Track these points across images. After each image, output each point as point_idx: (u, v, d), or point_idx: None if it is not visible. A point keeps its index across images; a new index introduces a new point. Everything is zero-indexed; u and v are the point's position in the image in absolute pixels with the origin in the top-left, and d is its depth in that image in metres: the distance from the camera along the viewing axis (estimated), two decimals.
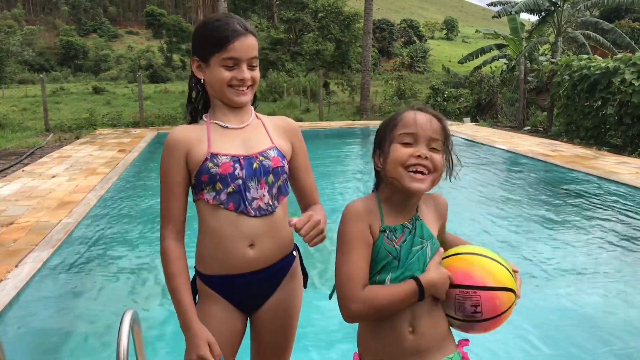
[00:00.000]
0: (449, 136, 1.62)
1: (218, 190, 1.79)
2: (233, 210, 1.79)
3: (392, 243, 1.56)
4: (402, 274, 1.55)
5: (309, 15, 31.33)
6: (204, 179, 1.79)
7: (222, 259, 1.83)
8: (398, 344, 1.56)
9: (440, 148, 1.57)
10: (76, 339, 3.69)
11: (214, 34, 1.79)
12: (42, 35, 63.62)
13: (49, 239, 5.44)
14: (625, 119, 11.53)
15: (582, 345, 3.54)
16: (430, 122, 1.56)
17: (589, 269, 4.93)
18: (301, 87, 27.09)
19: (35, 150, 12.09)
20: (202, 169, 1.79)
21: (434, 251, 1.59)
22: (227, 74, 1.80)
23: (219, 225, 1.80)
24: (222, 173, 1.78)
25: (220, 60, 1.79)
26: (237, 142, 1.85)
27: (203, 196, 1.81)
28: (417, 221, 1.60)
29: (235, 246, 1.81)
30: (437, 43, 73.41)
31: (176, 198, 1.82)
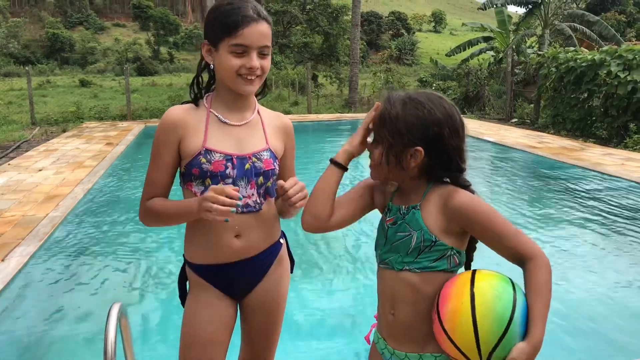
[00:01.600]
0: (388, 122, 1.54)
1: (207, 185, 1.78)
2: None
3: (385, 221, 1.66)
4: (387, 252, 1.62)
5: (297, 8, 31.20)
6: (194, 172, 1.78)
7: (209, 249, 1.85)
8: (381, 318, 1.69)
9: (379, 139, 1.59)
10: (64, 332, 3.69)
11: (224, 19, 1.73)
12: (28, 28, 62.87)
13: (35, 232, 5.41)
14: (611, 111, 11.63)
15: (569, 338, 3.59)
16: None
17: (576, 259, 4.98)
18: (289, 79, 27.00)
19: (21, 144, 11.98)
20: (194, 162, 1.78)
21: (422, 243, 1.53)
22: (235, 61, 1.74)
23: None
24: (213, 170, 1.77)
25: (229, 47, 1.74)
26: (233, 140, 1.84)
27: (191, 188, 1.81)
28: (413, 210, 1.58)
29: (221, 237, 1.83)
30: (425, 35, 73.41)
31: (161, 172, 1.83)
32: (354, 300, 4.16)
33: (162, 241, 5.51)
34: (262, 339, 2.05)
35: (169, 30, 58.03)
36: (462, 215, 1.51)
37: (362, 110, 20.65)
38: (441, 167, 1.56)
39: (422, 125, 1.51)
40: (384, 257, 1.63)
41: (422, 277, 1.55)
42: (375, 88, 23.89)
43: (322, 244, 5.40)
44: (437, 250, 1.53)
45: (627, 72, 11.26)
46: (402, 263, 1.57)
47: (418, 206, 1.57)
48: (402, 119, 1.52)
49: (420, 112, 1.52)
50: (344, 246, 5.39)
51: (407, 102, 1.54)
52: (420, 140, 1.51)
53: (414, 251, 1.55)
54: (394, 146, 1.54)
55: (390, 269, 1.60)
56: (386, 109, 1.55)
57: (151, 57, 55.03)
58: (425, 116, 1.52)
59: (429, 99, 1.55)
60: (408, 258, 1.56)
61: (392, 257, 1.60)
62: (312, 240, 5.46)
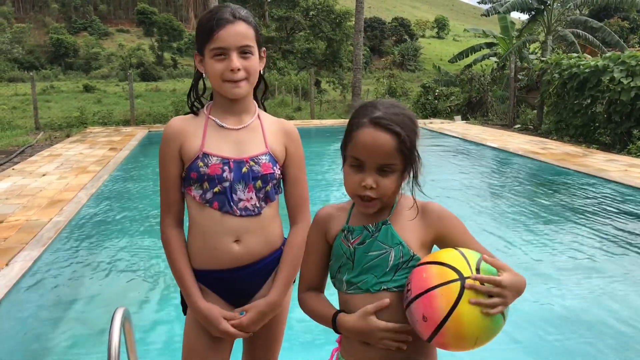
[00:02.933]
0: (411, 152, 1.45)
1: (205, 189, 1.80)
2: (217, 209, 1.80)
3: (347, 243, 1.53)
4: (358, 275, 1.50)
5: (300, 14, 31.28)
6: (192, 176, 1.80)
7: (208, 255, 1.84)
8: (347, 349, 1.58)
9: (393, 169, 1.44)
10: (67, 337, 3.69)
11: (203, 25, 1.78)
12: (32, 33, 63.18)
13: (39, 237, 5.42)
14: (614, 117, 11.61)
15: (572, 343, 3.59)
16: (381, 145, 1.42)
17: (579, 265, 4.97)
18: (293, 85, 27.06)
19: (25, 149, 12.02)
20: (192, 166, 1.80)
21: (402, 258, 1.47)
22: (218, 65, 1.76)
23: (204, 221, 1.82)
24: (210, 174, 1.79)
25: (209, 52, 1.77)
26: (231, 144, 1.84)
27: (190, 191, 1.83)
28: (384, 225, 1.50)
29: (220, 241, 1.82)
30: (428, 41, 73.52)
31: (173, 188, 1.86)
32: None
33: None
34: (263, 350, 2.02)
35: (172, 36, 58.25)
36: (442, 223, 1.51)
37: None
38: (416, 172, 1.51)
39: (415, 133, 1.48)
40: (355, 280, 1.51)
41: (399, 297, 1.46)
42: (378, 94, 23.90)
43: None
44: (412, 266, 1.45)
45: (630, 78, 11.25)
46: (379, 284, 1.48)
47: (388, 221, 1.51)
48: (408, 134, 1.44)
49: (414, 125, 1.48)
50: None
51: (402, 119, 1.45)
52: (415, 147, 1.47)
53: (392, 269, 1.47)
54: (408, 165, 1.47)
55: (364, 293, 1.50)
56: (402, 138, 1.42)
57: (155, 62, 55.24)
58: (416, 127, 1.49)
59: (402, 107, 1.50)
60: (385, 277, 1.48)
61: (366, 279, 1.50)
62: None
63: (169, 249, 1.86)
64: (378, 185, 1.43)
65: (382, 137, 1.41)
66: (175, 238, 1.86)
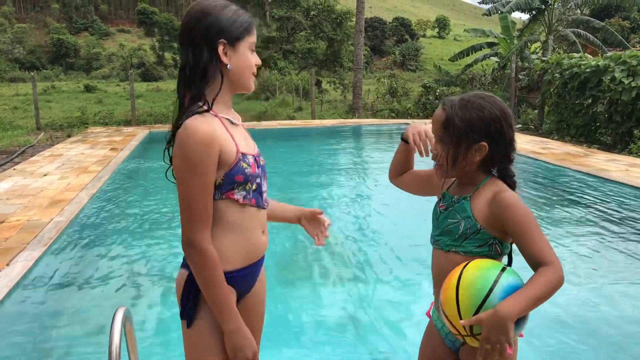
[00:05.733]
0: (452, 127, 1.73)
1: (248, 189, 1.78)
2: (254, 206, 1.82)
3: (438, 205, 1.89)
4: (439, 235, 1.84)
5: (301, 14, 31.30)
6: (237, 179, 1.74)
7: (246, 251, 1.83)
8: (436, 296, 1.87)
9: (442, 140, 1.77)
10: (68, 337, 3.70)
11: (241, 17, 1.77)
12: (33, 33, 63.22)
13: (40, 237, 5.43)
14: (615, 117, 11.61)
15: (572, 344, 3.59)
16: (434, 117, 1.80)
17: (580, 266, 4.97)
18: (293, 85, 27.04)
19: (26, 149, 12.04)
20: (237, 169, 1.74)
21: (469, 229, 1.74)
22: (252, 58, 1.81)
23: (243, 220, 1.80)
24: (252, 173, 1.79)
25: (249, 44, 1.79)
26: (245, 140, 1.85)
27: (233, 195, 1.75)
28: (464, 200, 1.79)
29: (255, 235, 1.85)
30: (429, 41, 73.50)
31: (210, 196, 1.71)
32: (351, 307, 4.16)
33: (166, 245, 5.53)
34: (257, 336, 2.03)
35: (173, 36, 58.19)
36: (502, 213, 1.69)
37: (365, 115, 20.67)
38: (499, 158, 1.77)
39: (484, 123, 1.72)
40: (436, 238, 1.85)
41: (466, 259, 1.72)
42: (379, 94, 23.89)
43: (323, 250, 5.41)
44: (481, 239, 1.73)
45: (632, 78, 11.24)
46: (449, 245, 1.79)
47: (469, 197, 1.78)
48: (466, 121, 1.71)
49: (480, 113, 1.72)
50: (343, 253, 5.39)
51: (466, 105, 1.73)
52: (485, 136, 1.71)
53: (461, 237, 1.76)
54: (459, 146, 1.73)
55: (440, 249, 1.83)
56: (449, 114, 1.73)
57: (156, 62, 55.30)
58: (485, 116, 1.72)
59: (484, 99, 1.75)
60: (456, 242, 1.77)
61: (442, 240, 1.82)
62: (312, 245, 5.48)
63: (215, 268, 1.69)
64: (437, 152, 1.79)
65: (438, 111, 1.79)
66: (217, 257, 1.70)
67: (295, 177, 9.18)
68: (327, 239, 2.12)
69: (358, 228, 6.22)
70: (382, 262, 5.02)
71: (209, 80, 1.74)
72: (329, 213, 6.80)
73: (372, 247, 5.50)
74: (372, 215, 6.76)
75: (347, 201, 7.45)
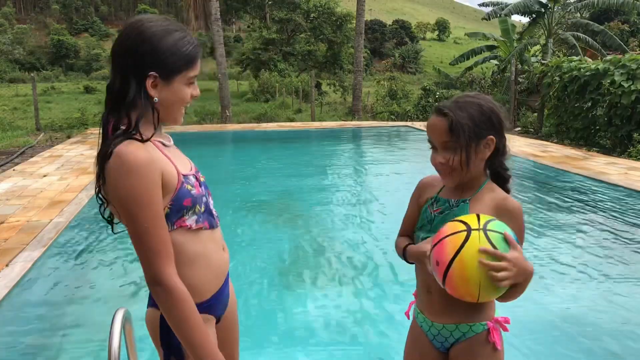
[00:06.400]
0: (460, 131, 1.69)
1: (197, 212, 1.66)
2: (208, 228, 1.71)
3: (431, 210, 1.85)
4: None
5: (301, 16, 31.34)
6: (186, 204, 1.62)
7: (214, 276, 1.75)
8: (420, 295, 1.93)
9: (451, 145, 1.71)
10: (67, 338, 3.69)
11: (183, 49, 1.60)
12: (33, 34, 63.19)
13: (40, 238, 5.43)
14: (615, 120, 11.62)
15: (571, 348, 3.59)
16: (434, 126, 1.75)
17: (579, 268, 4.97)
18: (293, 87, 27.08)
19: (26, 150, 12.04)
20: (183, 192, 1.61)
21: None
22: (187, 91, 1.65)
23: (203, 246, 1.70)
24: (198, 194, 1.67)
25: (186, 79, 1.62)
26: (181, 160, 1.72)
27: (184, 223, 1.63)
28: (463, 203, 1.78)
29: (218, 257, 1.76)
30: (429, 44, 73.55)
31: (165, 226, 1.56)
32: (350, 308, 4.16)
33: None
34: (236, 350, 2.02)
35: None
36: (511, 216, 1.73)
37: (365, 118, 20.69)
38: (502, 150, 1.78)
39: (486, 117, 1.73)
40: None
41: None
42: (378, 96, 23.92)
43: (324, 251, 5.41)
44: None
45: (631, 81, 11.26)
46: None
47: (468, 200, 1.78)
48: (471, 119, 1.70)
49: (479, 108, 1.73)
50: (342, 254, 5.39)
51: (463, 105, 1.72)
52: (489, 129, 1.73)
53: None
54: (471, 146, 1.71)
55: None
56: (453, 118, 1.69)
57: None
58: (484, 109, 1.73)
59: (474, 97, 1.77)
60: None
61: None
62: (313, 248, 5.48)
63: (185, 305, 1.53)
64: (447, 161, 1.72)
65: (437, 119, 1.73)
66: (183, 289, 1.55)
67: (295, 179, 9.18)
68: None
69: (358, 229, 6.22)
70: (382, 263, 5.02)
71: (135, 108, 1.58)
72: (328, 214, 6.80)
73: (371, 249, 5.50)
74: (371, 217, 6.76)
75: (347, 203, 7.45)
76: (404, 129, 16.79)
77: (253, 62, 32.16)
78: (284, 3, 32.09)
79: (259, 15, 37.98)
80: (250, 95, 29.57)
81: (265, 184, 8.71)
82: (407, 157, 11.89)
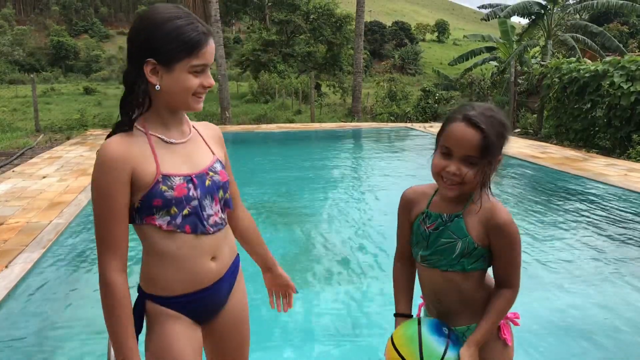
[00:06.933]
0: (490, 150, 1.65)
1: (173, 214, 1.64)
2: (190, 233, 1.68)
3: (425, 226, 1.81)
4: (431, 255, 1.79)
5: (301, 17, 31.37)
6: (156, 204, 1.62)
7: (185, 280, 1.72)
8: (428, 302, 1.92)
9: (475, 162, 1.66)
10: (67, 340, 3.69)
11: (183, 36, 1.59)
12: (33, 36, 63.27)
13: (39, 239, 5.42)
14: (614, 121, 11.63)
15: (568, 350, 3.59)
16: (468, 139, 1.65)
17: (578, 270, 4.98)
18: (293, 88, 27.09)
19: (25, 151, 12.03)
20: (154, 192, 1.61)
21: (467, 249, 1.73)
22: (195, 81, 1.63)
23: (176, 248, 1.68)
24: (177, 196, 1.63)
25: (190, 67, 1.61)
26: (183, 159, 1.70)
27: (154, 221, 1.64)
28: (457, 218, 1.75)
29: (198, 264, 1.72)
30: (429, 45, 73.65)
31: (120, 221, 1.60)
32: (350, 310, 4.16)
33: None
34: (235, 355, 1.98)
35: None
36: (499, 232, 1.72)
37: (365, 119, 20.70)
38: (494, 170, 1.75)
39: (506, 138, 1.70)
40: (428, 259, 1.80)
41: (464, 276, 1.76)
42: (378, 97, 23.93)
43: (323, 253, 5.41)
44: (476, 255, 1.74)
45: (630, 83, 11.27)
46: (447, 265, 1.76)
47: (461, 214, 1.75)
48: (497, 137, 1.66)
49: (504, 130, 1.69)
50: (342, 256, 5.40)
51: (493, 122, 1.66)
52: (501, 149, 1.70)
53: (458, 256, 1.74)
54: (492, 164, 1.69)
55: (434, 269, 1.80)
56: (488, 137, 1.63)
57: None
58: (506, 130, 1.71)
59: (498, 113, 1.70)
60: (453, 261, 1.75)
61: (436, 260, 1.78)
62: (312, 249, 5.48)
63: (115, 298, 1.59)
64: (461, 173, 1.66)
65: (470, 132, 1.64)
66: (122, 287, 1.61)
67: (294, 181, 9.19)
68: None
69: (357, 231, 6.22)
70: (382, 265, 5.02)
71: (138, 98, 1.63)
72: (329, 215, 6.80)
73: (371, 250, 5.50)
74: (371, 218, 6.76)
75: (347, 203, 7.45)
76: (404, 130, 16.81)
77: (253, 63, 32.18)
78: (283, 4, 32.13)
79: (258, 17, 38.03)
80: (250, 96, 29.60)
81: (264, 184, 8.71)
82: (407, 158, 11.90)
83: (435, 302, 1.86)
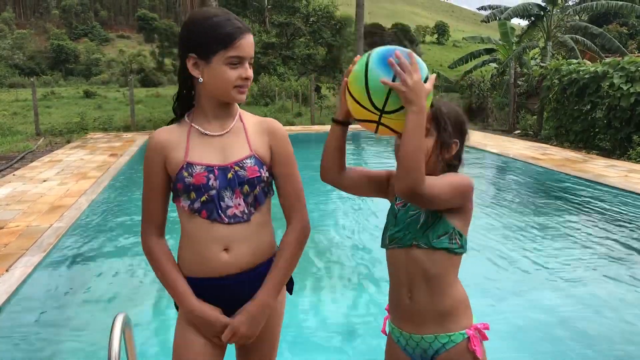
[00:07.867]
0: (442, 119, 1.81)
1: (192, 199, 1.78)
2: (206, 218, 1.79)
3: (393, 206, 1.93)
4: (399, 230, 1.84)
5: (301, 20, 31.38)
6: (179, 187, 1.79)
7: (198, 262, 1.82)
8: (396, 306, 1.88)
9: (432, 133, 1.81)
10: (67, 343, 3.69)
11: (219, 31, 1.72)
12: (33, 39, 63.34)
13: (39, 243, 5.42)
14: (614, 122, 11.63)
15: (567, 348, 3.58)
16: None
17: (578, 270, 4.98)
18: (293, 91, 27.08)
19: (25, 155, 12.03)
20: (178, 177, 1.79)
21: (429, 218, 1.77)
22: (232, 73, 1.75)
23: (193, 229, 1.81)
24: (195, 183, 1.77)
25: (225, 59, 1.73)
26: (215, 151, 1.82)
27: (179, 202, 1.82)
28: None
29: (208, 249, 1.80)
30: (428, 47, 73.71)
31: (155, 200, 1.85)
32: (350, 313, 4.16)
33: None
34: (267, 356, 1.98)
35: (173, 42, 58.21)
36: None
37: None
38: (457, 158, 1.87)
39: (460, 123, 1.86)
40: (395, 235, 1.85)
41: (429, 256, 1.76)
42: None
43: (323, 254, 5.41)
44: (441, 227, 1.76)
45: (630, 84, 11.28)
46: (411, 239, 1.78)
47: None
48: (449, 117, 1.83)
49: (458, 114, 1.87)
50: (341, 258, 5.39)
51: (448, 105, 1.88)
52: (458, 135, 1.84)
53: (423, 226, 1.77)
54: (443, 138, 1.80)
55: (400, 248, 1.82)
56: (438, 108, 1.82)
57: (155, 68, 55.34)
58: (460, 116, 1.88)
59: (456, 105, 1.91)
60: (417, 233, 1.77)
61: (402, 234, 1.82)
62: (311, 252, 5.48)
63: (153, 256, 1.86)
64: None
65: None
66: (157, 247, 1.86)
67: None
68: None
69: (357, 232, 6.22)
70: (381, 266, 5.01)
71: (182, 90, 1.87)
72: (329, 217, 6.80)
73: (370, 252, 5.50)
74: (371, 219, 6.76)
75: (346, 205, 7.45)
76: None
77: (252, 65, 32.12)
78: (283, 7, 32.15)
79: (258, 19, 38.00)
80: (250, 99, 29.59)
81: None
82: None
83: (406, 299, 1.82)
